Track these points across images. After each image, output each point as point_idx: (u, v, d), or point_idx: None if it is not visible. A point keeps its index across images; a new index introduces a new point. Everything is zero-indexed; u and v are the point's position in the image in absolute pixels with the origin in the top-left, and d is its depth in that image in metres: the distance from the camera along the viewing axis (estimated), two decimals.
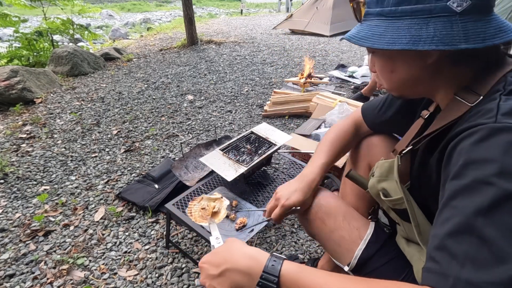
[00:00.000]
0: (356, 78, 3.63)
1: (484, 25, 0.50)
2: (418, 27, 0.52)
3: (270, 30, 7.43)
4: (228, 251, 0.58)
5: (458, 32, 0.50)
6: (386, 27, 0.56)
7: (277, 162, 1.61)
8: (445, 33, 0.50)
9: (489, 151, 0.43)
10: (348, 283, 0.47)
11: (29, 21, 5.17)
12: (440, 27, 0.51)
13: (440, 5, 0.50)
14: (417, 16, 0.53)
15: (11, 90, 2.93)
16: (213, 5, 20.50)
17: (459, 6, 0.49)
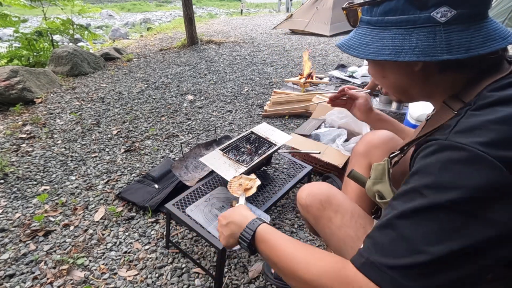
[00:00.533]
0: (356, 78, 3.63)
1: (471, 34, 0.50)
2: (402, 38, 0.53)
3: (270, 30, 7.43)
4: (234, 211, 0.79)
5: (441, 43, 0.50)
6: (373, 37, 0.57)
7: (277, 162, 1.61)
8: (427, 44, 0.51)
9: (430, 166, 0.47)
10: (295, 245, 0.61)
11: (29, 21, 5.17)
12: (423, 38, 0.51)
13: (424, 16, 0.51)
14: (402, 27, 0.53)
15: (11, 90, 2.93)
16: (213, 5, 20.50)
17: (443, 16, 0.50)
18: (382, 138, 0.97)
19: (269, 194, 1.36)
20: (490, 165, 0.42)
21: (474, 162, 0.43)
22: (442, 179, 0.44)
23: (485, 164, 0.42)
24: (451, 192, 0.43)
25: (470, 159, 0.43)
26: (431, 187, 0.45)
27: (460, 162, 0.44)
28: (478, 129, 0.45)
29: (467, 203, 0.42)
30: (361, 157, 1.00)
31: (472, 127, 0.46)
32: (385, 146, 0.95)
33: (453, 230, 0.42)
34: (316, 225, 0.86)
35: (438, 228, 0.43)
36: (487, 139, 0.43)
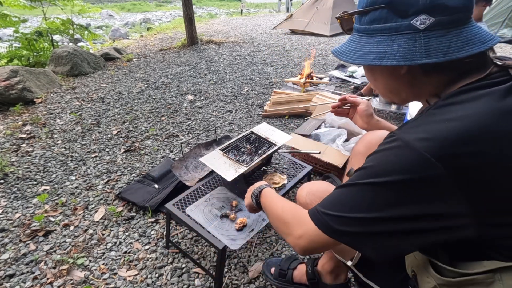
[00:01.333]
0: (356, 78, 3.63)
1: (449, 39, 0.53)
2: (385, 44, 0.58)
3: (270, 30, 7.43)
4: (253, 185, 0.97)
5: (420, 48, 0.54)
6: (361, 43, 0.62)
7: (277, 162, 1.61)
8: (407, 49, 0.55)
9: (376, 153, 0.58)
10: (282, 200, 0.81)
11: (29, 21, 5.17)
12: (404, 43, 0.56)
13: (405, 23, 0.55)
14: (386, 34, 0.58)
15: (11, 90, 2.93)
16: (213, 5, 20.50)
17: (422, 24, 0.54)
18: (382, 138, 0.97)
19: None
20: (424, 161, 0.49)
21: (407, 154, 0.51)
22: (379, 165, 0.55)
23: (420, 159, 0.49)
24: (383, 177, 0.53)
25: (405, 152, 0.51)
26: (369, 169, 0.57)
27: (396, 153, 0.53)
28: (422, 126, 0.53)
29: (392, 184, 0.52)
30: (361, 157, 1.00)
31: (419, 124, 0.54)
32: None
33: (370, 202, 0.55)
34: None
35: (361, 198, 0.56)
36: (426, 135, 0.50)
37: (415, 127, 0.54)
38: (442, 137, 0.49)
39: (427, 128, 0.52)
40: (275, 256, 1.36)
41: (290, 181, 1.45)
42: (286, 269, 1.19)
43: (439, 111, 0.54)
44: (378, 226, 0.54)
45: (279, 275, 1.19)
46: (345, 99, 1.09)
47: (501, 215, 0.50)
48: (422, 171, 0.49)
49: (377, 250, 0.57)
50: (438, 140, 0.49)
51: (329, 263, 1.08)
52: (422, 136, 0.51)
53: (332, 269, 1.07)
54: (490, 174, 0.48)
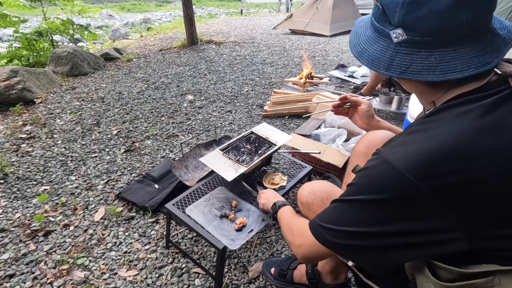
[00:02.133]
0: (356, 78, 3.63)
1: (413, 60, 0.55)
2: (371, 42, 0.62)
3: (270, 30, 7.43)
4: (272, 193, 1.15)
5: (386, 59, 0.58)
6: (365, 30, 0.66)
7: (277, 162, 1.61)
8: (377, 56, 0.60)
9: (362, 172, 0.60)
10: (294, 217, 0.91)
11: (29, 21, 5.17)
12: (378, 49, 0.60)
13: (386, 31, 0.58)
14: (375, 32, 0.62)
15: (11, 90, 2.93)
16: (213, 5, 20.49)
17: (396, 38, 0.57)
18: (383, 138, 0.96)
19: None
20: (406, 181, 0.51)
21: (390, 174, 0.53)
22: (365, 183, 0.59)
23: (403, 179, 0.51)
24: (368, 195, 0.57)
25: (388, 172, 0.54)
26: (357, 186, 0.60)
27: (380, 173, 0.56)
28: (403, 146, 0.55)
29: (378, 202, 0.56)
30: (361, 157, 1.00)
31: (402, 143, 0.56)
32: None
33: (359, 218, 0.58)
34: None
35: (351, 213, 0.60)
36: (406, 155, 0.53)
37: (398, 146, 0.56)
38: (421, 158, 0.51)
39: (407, 148, 0.54)
40: (275, 256, 1.36)
41: (290, 181, 1.45)
42: (286, 269, 1.19)
43: (421, 127, 0.56)
44: (369, 240, 0.57)
45: (279, 275, 1.19)
46: (346, 98, 1.09)
47: (491, 229, 0.50)
48: (405, 191, 0.52)
49: (371, 262, 0.61)
50: (417, 161, 0.51)
51: (329, 263, 1.08)
52: (402, 156, 0.53)
53: (332, 269, 1.07)
54: (475, 190, 0.49)
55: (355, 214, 0.59)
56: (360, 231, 0.58)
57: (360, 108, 1.05)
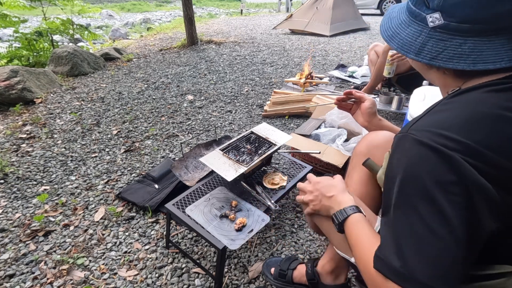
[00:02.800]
0: (356, 78, 3.63)
1: (446, 47, 0.55)
2: (404, 26, 0.61)
3: (270, 30, 7.43)
4: (337, 187, 0.80)
5: (418, 43, 0.58)
6: (398, 14, 0.65)
7: (277, 162, 1.61)
8: (409, 40, 0.59)
9: (396, 158, 0.55)
10: (369, 239, 0.63)
11: (29, 21, 5.17)
12: (411, 33, 0.59)
13: (423, 15, 0.58)
14: (410, 16, 0.61)
15: (11, 90, 2.93)
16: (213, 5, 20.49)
17: (432, 22, 0.56)
18: (384, 138, 0.96)
19: (269, 194, 1.36)
20: (442, 155, 0.47)
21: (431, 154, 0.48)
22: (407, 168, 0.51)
23: (439, 154, 0.47)
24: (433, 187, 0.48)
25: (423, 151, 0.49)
26: (401, 176, 0.52)
27: (413, 154, 0.50)
28: (433, 118, 0.53)
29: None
30: (362, 157, 0.99)
31: (427, 122, 0.53)
32: (387, 146, 0.95)
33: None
34: (318, 218, 0.87)
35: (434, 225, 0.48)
36: (438, 129, 0.49)
37: (426, 125, 0.53)
38: (455, 124, 0.49)
39: (437, 119, 0.52)
40: (275, 256, 1.36)
41: (290, 181, 1.45)
42: (286, 269, 1.19)
43: (444, 107, 0.54)
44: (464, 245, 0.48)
45: (279, 276, 1.19)
46: (351, 94, 1.09)
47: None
48: (456, 171, 0.47)
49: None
50: (450, 128, 0.49)
51: (329, 264, 1.08)
52: (434, 129, 0.50)
53: (332, 269, 1.07)
54: (497, 174, 0.47)
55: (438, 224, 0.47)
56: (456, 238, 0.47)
57: (364, 104, 1.05)
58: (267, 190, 1.38)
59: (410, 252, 0.49)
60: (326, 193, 0.79)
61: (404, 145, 0.53)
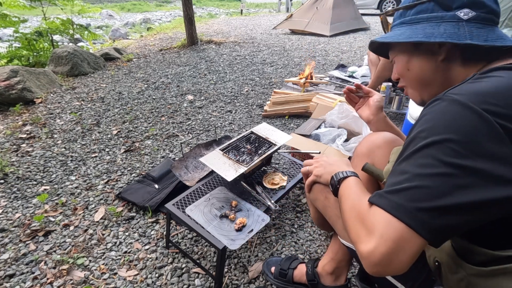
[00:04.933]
0: (356, 78, 3.63)
1: (486, 32, 0.62)
2: (431, 28, 0.65)
3: (270, 30, 7.43)
4: (338, 160, 0.87)
5: (464, 32, 0.62)
6: (406, 29, 0.69)
7: (277, 162, 1.61)
8: (453, 32, 0.62)
9: (427, 114, 0.54)
10: (359, 196, 0.65)
11: (29, 21, 5.17)
12: (450, 27, 0.63)
13: (450, 14, 0.64)
14: (432, 21, 0.66)
15: (11, 90, 2.93)
16: (213, 5, 20.49)
17: (465, 15, 0.63)
18: (386, 139, 0.96)
19: (269, 194, 1.36)
20: (475, 112, 0.48)
21: (461, 108, 0.49)
22: (434, 125, 0.51)
23: (470, 111, 0.48)
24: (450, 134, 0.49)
25: (456, 106, 0.50)
26: (424, 131, 0.52)
27: (449, 110, 0.51)
28: (468, 87, 0.53)
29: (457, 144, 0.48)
30: (363, 157, 0.99)
31: (465, 88, 0.53)
32: (388, 146, 0.95)
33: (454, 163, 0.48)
34: (324, 208, 0.88)
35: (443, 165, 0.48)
36: (476, 94, 0.50)
37: (460, 91, 0.53)
38: (491, 91, 0.50)
39: (473, 87, 0.53)
40: (275, 256, 1.36)
41: (290, 181, 1.45)
42: (286, 268, 1.19)
43: (478, 79, 0.55)
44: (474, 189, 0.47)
45: (279, 275, 1.19)
46: (360, 87, 1.12)
47: None
48: (479, 125, 0.48)
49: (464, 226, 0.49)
50: (487, 94, 0.50)
51: (329, 264, 1.08)
52: (471, 92, 0.51)
53: (333, 270, 1.07)
54: None
55: (445, 162, 0.48)
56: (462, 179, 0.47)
57: (372, 98, 1.08)
58: (267, 190, 1.38)
59: (410, 186, 0.50)
60: (329, 161, 0.87)
61: (438, 104, 0.53)
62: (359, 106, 1.13)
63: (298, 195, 1.77)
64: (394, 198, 0.51)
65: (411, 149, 0.53)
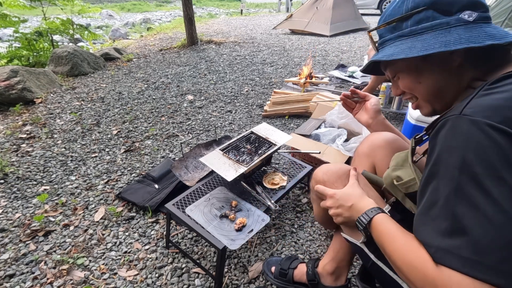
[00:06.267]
0: (356, 78, 3.63)
1: (494, 28, 0.60)
2: (443, 35, 0.61)
3: (270, 30, 7.43)
4: (355, 195, 0.77)
5: (479, 33, 0.59)
6: (412, 41, 0.64)
7: (277, 162, 1.61)
8: (469, 35, 0.59)
9: (454, 140, 0.51)
10: (404, 236, 0.59)
11: (29, 21, 5.17)
12: (462, 32, 0.60)
13: (454, 18, 0.61)
14: (438, 29, 0.62)
15: (11, 90, 2.93)
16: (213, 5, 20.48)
17: (470, 17, 0.60)
18: (387, 139, 0.96)
19: (269, 194, 1.36)
20: (506, 133, 0.46)
21: (483, 132, 0.48)
22: (465, 153, 0.49)
23: (502, 132, 0.46)
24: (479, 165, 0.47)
25: (477, 129, 0.48)
26: (461, 164, 0.49)
27: (471, 133, 0.49)
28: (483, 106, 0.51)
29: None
30: (364, 158, 0.99)
31: (481, 104, 0.51)
32: (389, 146, 0.95)
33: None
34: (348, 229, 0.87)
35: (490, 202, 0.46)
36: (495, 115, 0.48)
37: (472, 106, 0.52)
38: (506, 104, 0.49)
39: (486, 102, 0.52)
40: (275, 256, 1.36)
41: (290, 181, 1.45)
42: (286, 268, 1.19)
43: (487, 92, 0.54)
44: None
45: (279, 274, 1.19)
46: (356, 92, 1.10)
47: None
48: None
49: None
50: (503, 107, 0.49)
51: (330, 264, 1.07)
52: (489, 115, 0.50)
53: (333, 270, 1.07)
54: None
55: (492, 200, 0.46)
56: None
57: (369, 102, 1.07)
58: (267, 190, 1.38)
59: (478, 235, 0.45)
60: (345, 204, 0.77)
61: (459, 127, 0.51)
62: (357, 111, 1.12)
63: (298, 195, 1.77)
64: (466, 253, 0.46)
65: (449, 185, 0.50)
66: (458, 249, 0.47)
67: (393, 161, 0.78)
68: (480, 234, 0.45)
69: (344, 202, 0.77)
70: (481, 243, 0.45)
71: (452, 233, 0.48)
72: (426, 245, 0.52)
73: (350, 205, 0.75)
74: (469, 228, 0.46)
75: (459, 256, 0.46)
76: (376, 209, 0.70)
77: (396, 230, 0.62)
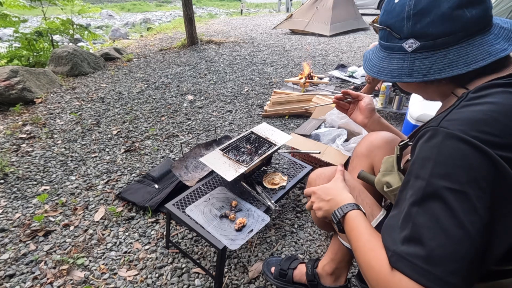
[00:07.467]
0: (356, 78, 3.63)
1: (433, 62, 0.59)
2: (386, 60, 0.67)
3: (270, 30, 7.43)
4: (336, 189, 0.78)
5: (405, 68, 0.62)
6: (375, 53, 0.72)
7: (277, 162, 1.61)
8: (397, 68, 0.63)
9: (427, 151, 0.52)
10: (370, 234, 0.61)
11: (29, 21, 5.17)
12: (396, 62, 0.64)
13: (399, 45, 0.63)
14: (387, 51, 0.67)
15: (11, 90, 2.93)
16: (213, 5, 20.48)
17: (410, 47, 0.61)
18: (385, 138, 0.96)
19: (269, 194, 1.36)
20: (478, 149, 0.46)
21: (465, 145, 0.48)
22: (440, 164, 0.49)
23: (474, 148, 0.47)
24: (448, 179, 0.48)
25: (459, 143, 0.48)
26: (432, 173, 0.50)
27: (444, 146, 0.50)
28: (462, 118, 0.51)
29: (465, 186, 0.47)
30: (363, 158, 0.99)
31: (459, 117, 0.52)
32: (387, 146, 0.95)
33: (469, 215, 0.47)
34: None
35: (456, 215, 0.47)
36: (472, 127, 0.49)
37: (455, 120, 0.52)
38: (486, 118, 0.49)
39: (466, 115, 0.51)
40: (275, 256, 1.36)
41: (290, 181, 1.45)
42: (286, 268, 1.19)
43: (470, 102, 0.53)
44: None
45: (279, 275, 1.19)
46: (348, 93, 1.10)
47: None
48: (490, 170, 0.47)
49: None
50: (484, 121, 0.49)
51: (329, 265, 1.07)
52: (465, 128, 0.50)
53: (333, 271, 1.07)
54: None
55: (459, 213, 0.46)
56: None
57: (362, 101, 1.06)
58: (267, 190, 1.38)
59: (433, 246, 0.47)
60: (325, 198, 0.78)
61: (434, 139, 0.51)
62: (351, 112, 1.12)
63: (298, 195, 1.77)
64: (418, 262, 0.48)
65: (415, 195, 0.51)
66: (412, 256, 0.48)
67: (383, 165, 0.77)
68: (435, 246, 0.47)
69: (324, 196, 0.78)
70: (434, 254, 0.46)
71: (409, 241, 0.50)
72: (386, 248, 0.54)
73: (328, 199, 0.76)
74: (426, 239, 0.48)
75: (412, 263, 0.48)
76: (352, 204, 0.71)
77: (365, 228, 0.63)
